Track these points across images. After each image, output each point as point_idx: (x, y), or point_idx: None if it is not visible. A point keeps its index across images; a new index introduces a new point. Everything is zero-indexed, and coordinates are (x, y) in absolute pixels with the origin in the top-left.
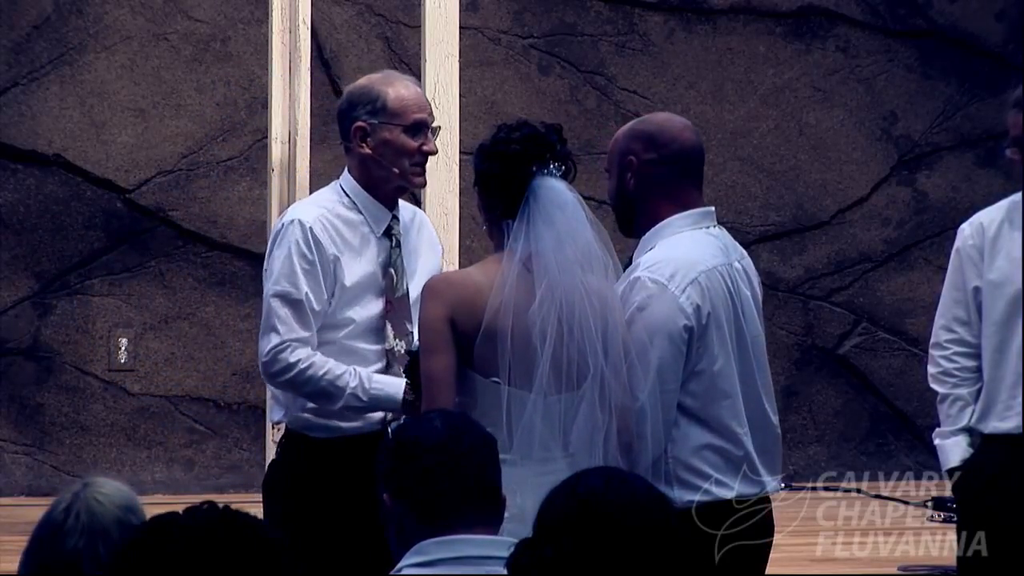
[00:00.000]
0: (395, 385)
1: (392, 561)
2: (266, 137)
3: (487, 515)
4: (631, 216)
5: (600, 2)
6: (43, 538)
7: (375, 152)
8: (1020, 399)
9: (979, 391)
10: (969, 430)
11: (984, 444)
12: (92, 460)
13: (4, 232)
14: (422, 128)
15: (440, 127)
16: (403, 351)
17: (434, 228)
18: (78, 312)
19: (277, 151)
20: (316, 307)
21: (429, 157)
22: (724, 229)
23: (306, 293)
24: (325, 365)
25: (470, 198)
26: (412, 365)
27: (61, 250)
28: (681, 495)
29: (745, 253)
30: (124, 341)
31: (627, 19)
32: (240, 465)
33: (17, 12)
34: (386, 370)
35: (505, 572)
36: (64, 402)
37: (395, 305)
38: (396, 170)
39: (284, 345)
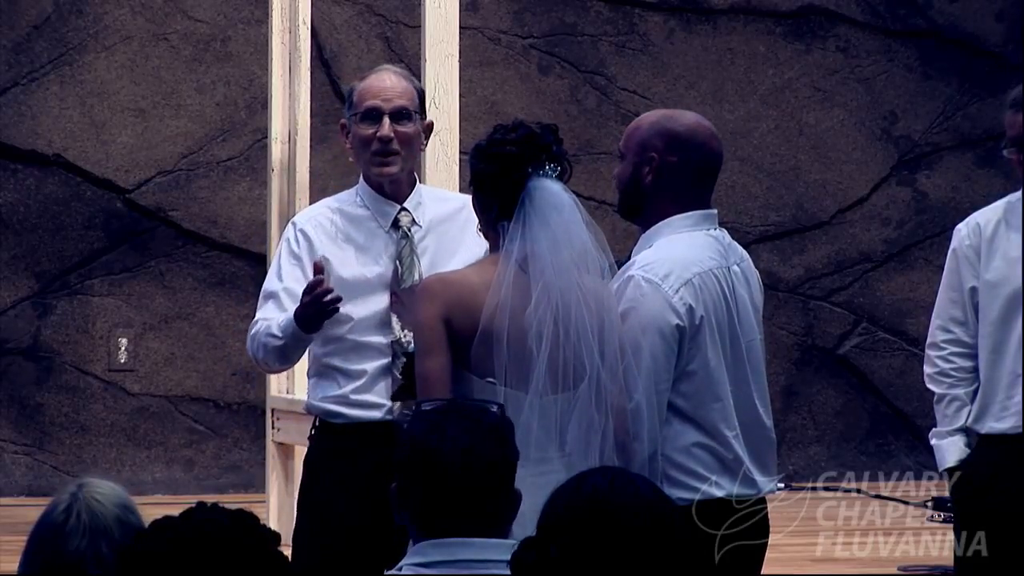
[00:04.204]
0: (291, 312)
1: (398, 547)
2: (266, 137)
3: (496, 521)
4: (639, 206)
5: (600, 2)
6: (44, 540)
7: (352, 147)
8: (1016, 399)
9: (976, 391)
10: (966, 430)
11: (981, 444)
12: (92, 460)
13: (4, 232)
14: (375, 115)
15: (412, 111)
16: (411, 344)
17: None
18: (78, 312)
19: (277, 151)
20: (299, 291)
21: (392, 143)
22: (725, 231)
23: (285, 285)
24: (263, 325)
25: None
26: (408, 366)
27: (61, 250)
28: (671, 493)
29: (746, 256)
30: (124, 341)
31: (627, 19)
32: (240, 465)
33: (17, 12)
34: (392, 362)
35: (507, 574)
36: (64, 402)
37: (401, 297)
38: (362, 163)
39: (251, 326)
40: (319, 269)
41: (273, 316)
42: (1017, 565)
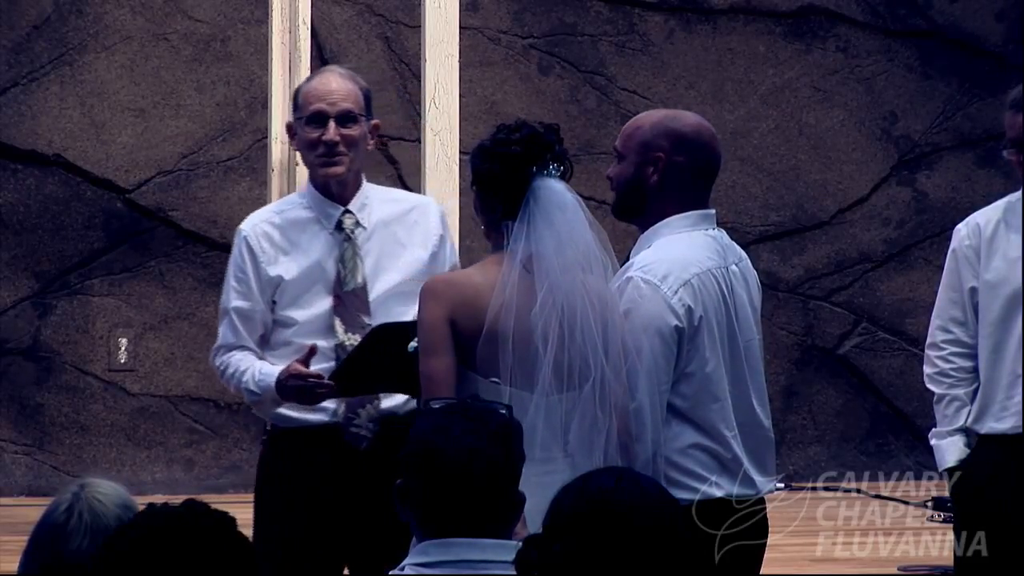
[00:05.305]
0: (272, 375)
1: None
2: (266, 137)
3: (499, 522)
4: (640, 207)
5: (600, 2)
6: (45, 540)
7: (298, 148)
8: (1016, 399)
9: (976, 391)
10: (966, 430)
11: (980, 444)
12: (92, 460)
13: (4, 232)
14: (321, 119)
15: (357, 113)
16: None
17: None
18: (78, 312)
19: (277, 151)
20: (247, 309)
21: (338, 147)
22: (723, 231)
23: (233, 304)
24: (236, 366)
25: (470, 198)
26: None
27: (61, 250)
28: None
29: (744, 256)
30: (124, 341)
31: (627, 19)
32: (240, 465)
33: (17, 12)
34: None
35: (509, 574)
36: (64, 402)
37: (344, 299)
38: (308, 164)
39: (214, 351)
40: (312, 353)
41: (231, 340)
42: (1017, 565)
